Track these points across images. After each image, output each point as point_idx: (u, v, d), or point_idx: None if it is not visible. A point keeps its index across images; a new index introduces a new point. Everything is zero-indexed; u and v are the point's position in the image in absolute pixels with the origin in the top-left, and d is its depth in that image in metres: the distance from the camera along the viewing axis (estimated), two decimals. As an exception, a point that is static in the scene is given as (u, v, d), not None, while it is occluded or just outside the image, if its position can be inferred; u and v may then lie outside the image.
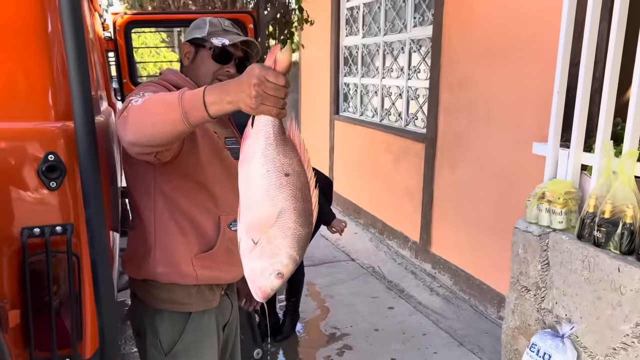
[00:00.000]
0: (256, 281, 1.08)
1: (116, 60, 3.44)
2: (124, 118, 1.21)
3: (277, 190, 1.04)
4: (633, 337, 1.99)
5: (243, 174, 1.08)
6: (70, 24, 1.19)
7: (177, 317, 1.55)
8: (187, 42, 1.60)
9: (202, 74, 1.56)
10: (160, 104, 1.15)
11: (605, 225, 2.11)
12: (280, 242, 1.05)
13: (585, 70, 2.33)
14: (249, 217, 1.07)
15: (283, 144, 1.06)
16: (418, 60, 4.41)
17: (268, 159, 1.04)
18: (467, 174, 3.69)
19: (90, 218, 1.22)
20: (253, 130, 1.07)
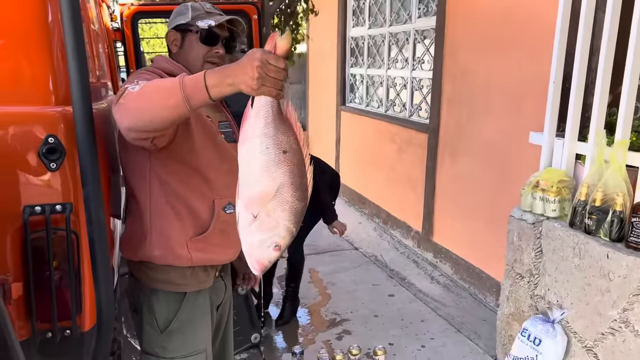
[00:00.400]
0: (254, 254, 1.13)
1: (124, 51, 3.51)
2: (121, 104, 1.25)
3: (275, 166, 1.10)
4: (620, 322, 2.03)
5: (243, 151, 1.13)
6: (68, 14, 1.26)
7: (173, 296, 1.60)
8: (172, 29, 1.61)
9: (192, 58, 1.58)
10: (160, 89, 1.20)
11: (596, 213, 2.14)
12: (278, 215, 1.10)
13: (580, 61, 2.36)
14: (249, 192, 1.12)
15: (281, 123, 1.13)
16: (422, 51, 4.43)
17: (268, 137, 1.10)
18: (467, 164, 3.72)
19: (87, 197, 1.29)
20: (253, 110, 1.12)
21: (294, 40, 4.68)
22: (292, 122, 1.16)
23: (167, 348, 1.60)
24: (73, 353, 1.41)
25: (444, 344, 2.98)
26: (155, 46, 12.34)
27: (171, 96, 1.16)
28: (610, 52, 2.21)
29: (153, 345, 1.61)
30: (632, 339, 1.98)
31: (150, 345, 1.62)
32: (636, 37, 2.07)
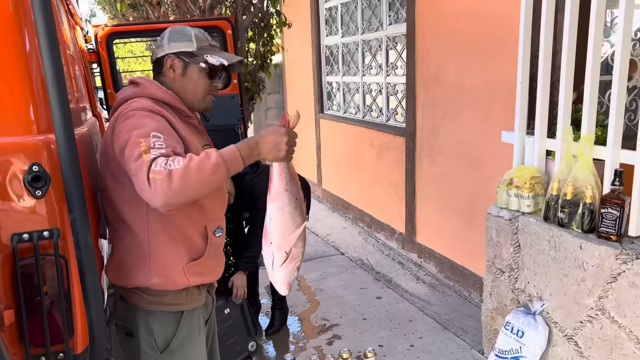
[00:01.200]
0: (287, 280, 1.52)
1: (100, 72, 3.53)
2: (158, 183, 1.29)
3: (295, 211, 1.49)
4: (597, 310, 2.11)
5: (274, 206, 1.48)
6: (46, 42, 1.29)
7: (170, 316, 1.61)
8: (173, 54, 1.59)
9: (193, 89, 1.61)
10: (203, 168, 1.32)
11: (568, 206, 2.24)
12: (299, 245, 1.49)
13: (544, 61, 2.45)
14: (281, 235, 1.48)
15: (292, 177, 1.50)
16: (395, 57, 4.52)
17: (289, 192, 1.48)
18: (445, 165, 3.81)
19: (74, 221, 1.33)
20: (276, 174, 1.48)
21: (269, 52, 4.74)
22: (293, 171, 1.51)
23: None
24: (67, 375, 1.43)
25: (433, 342, 3.04)
26: (131, 63, 12.30)
27: (216, 172, 1.34)
28: (571, 51, 2.32)
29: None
30: (608, 325, 2.07)
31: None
32: (594, 36, 2.17)
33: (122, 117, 1.48)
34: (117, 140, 1.45)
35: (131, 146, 1.38)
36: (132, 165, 1.36)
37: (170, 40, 1.60)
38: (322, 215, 5.76)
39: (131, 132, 1.41)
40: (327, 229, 5.27)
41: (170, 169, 1.30)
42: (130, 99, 1.55)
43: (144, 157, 1.33)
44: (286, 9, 5.32)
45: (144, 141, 1.37)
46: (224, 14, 4.45)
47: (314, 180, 6.48)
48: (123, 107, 1.53)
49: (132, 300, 1.62)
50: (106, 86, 3.50)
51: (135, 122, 1.43)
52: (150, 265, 1.56)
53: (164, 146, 1.37)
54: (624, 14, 2.05)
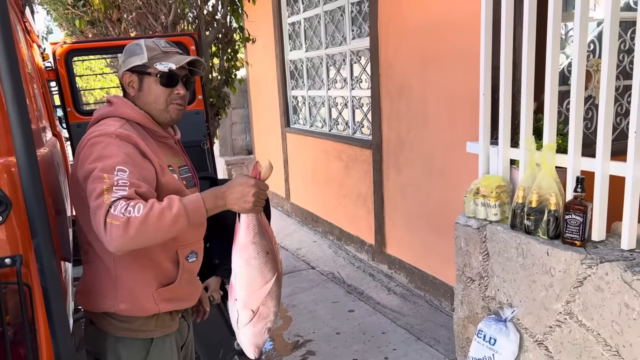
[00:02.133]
0: (254, 342, 1.44)
1: (59, 90, 3.44)
2: (115, 228, 1.26)
3: (264, 265, 1.42)
4: (565, 314, 2.16)
5: (239, 260, 1.42)
6: (5, 62, 1.24)
7: (140, 343, 1.56)
8: (127, 71, 1.55)
9: (153, 101, 1.55)
10: (164, 217, 1.29)
11: (534, 213, 2.29)
12: (269, 304, 1.41)
13: (505, 73, 2.52)
14: (247, 292, 1.41)
15: (262, 230, 1.44)
16: (359, 71, 4.58)
17: (257, 244, 1.42)
18: (412, 176, 3.86)
19: (38, 247, 1.27)
20: (243, 226, 1.43)
21: (234, 68, 4.72)
22: (266, 225, 1.45)
23: None
24: (33, 409, 1.36)
25: (406, 354, 3.05)
26: (90, 80, 12.04)
27: (176, 223, 1.31)
28: (530, 63, 2.39)
29: None
30: (577, 329, 2.12)
31: None
32: (552, 48, 2.25)
33: (89, 143, 1.43)
34: (82, 167, 1.41)
35: (94, 180, 1.34)
36: (92, 203, 1.32)
37: (124, 58, 1.58)
38: (292, 230, 5.74)
39: (96, 164, 1.36)
40: (296, 243, 5.24)
41: (128, 217, 1.26)
42: (102, 119, 1.52)
43: (104, 197, 1.29)
44: (249, 24, 5.33)
45: (108, 177, 1.33)
46: (187, 29, 4.42)
47: (282, 194, 6.45)
48: (92, 130, 1.48)
49: (101, 326, 1.57)
50: (66, 105, 3.41)
51: (101, 151, 1.39)
52: (118, 291, 1.52)
53: (128, 185, 1.33)
54: (579, 26, 2.14)
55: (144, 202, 1.30)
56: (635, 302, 1.87)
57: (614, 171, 2.10)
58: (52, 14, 6.83)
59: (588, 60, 2.70)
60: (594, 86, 2.88)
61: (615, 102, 2.89)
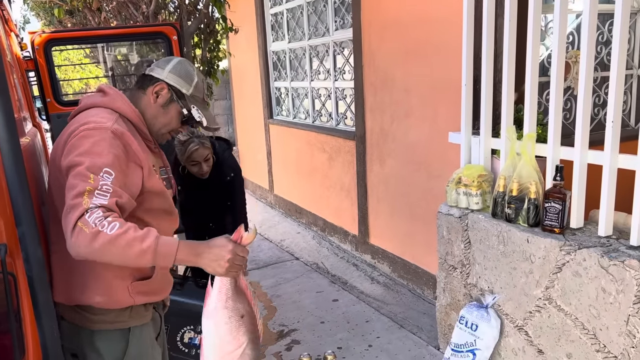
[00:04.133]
0: None
1: (38, 80, 3.38)
2: (86, 236, 1.23)
3: (237, 330, 1.38)
4: (544, 299, 2.22)
5: (209, 324, 1.38)
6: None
7: (118, 334, 1.54)
8: (166, 83, 1.54)
9: (163, 122, 1.57)
10: (133, 246, 1.26)
11: (514, 202, 2.34)
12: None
13: (486, 64, 2.56)
14: (220, 354, 1.38)
15: (237, 294, 1.39)
16: (342, 62, 4.58)
17: (229, 309, 1.38)
18: (395, 167, 3.89)
19: (23, 236, 1.26)
20: (215, 289, 1.39)
21: (216, 58, 4.69)
22: (245, 288, 1.42)
23: None
24: (19, 398, 1.36)
25: (390, 341, 3.09)
26: (68, 71, 11.82)
27: (141, 257, 1.27)
28: (511, 54, 2.43)
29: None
30: (555, 313, 2.18)
31: None
32: (532, 39, 2.29)
33: (81, 134, 1.38)
34: (68, 155, 1.37)
35: (78, 176, 1.30)
36: (69, 200, 1.28)
37: (172, 70, 1.57)
38: (276, 221, 5.74)
39: (83, 158, 1.33)
40: (280, 235, 5.25)
41: (99, 230, 1.24)
42: (93, 107, 1.49)
43: (84, 199, 1.26)
44: (232, 15, 5.29)
45: (93, 178, 1.30)
46: (168, 19, 4.37)
47: (265, 186, 6.45)
48: (84, 118, 1.44)
49: (74, 321, 1.53)
50: (45, 95, 3.36)
51: (92, 146, 1.35)
52: (93, 283, 1.49)
53: (110, 192, 1.31)
54: (559, 18, 2.18)
55: (121, 221, 1.28)
56: (611, 286, 1.93)
57: (592, 160, 2.16)
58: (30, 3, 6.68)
59: (567, 51, 2.75)
60: (572, 77, 2.94)
61: (593, 93, 2.96)
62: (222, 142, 3.02)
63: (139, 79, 1.59)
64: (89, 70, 11.95)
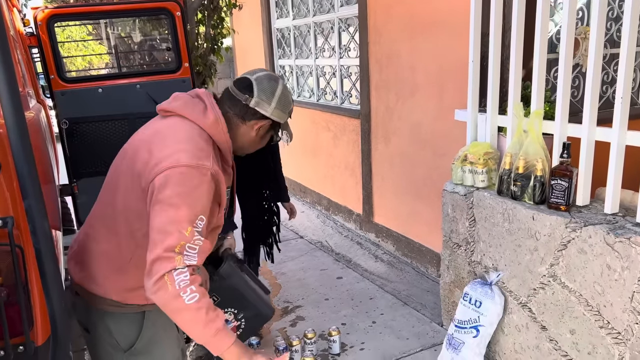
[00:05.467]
0: None
1: (41, 57, 3.36)
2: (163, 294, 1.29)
3: None
4: (549, 276, 2.22)
5: None
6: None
7: (131, 317, 1.54)
8: (272, 121, 1.53)
9: (255, 147, 1.59)
10: (197, 325, 1.31)
11: (520, 179, 2.33)
12: None
13: (494, 40, 2.52)
14: None
15: None
16: (348, 39, 4.53)
17: None
18: (400, 145, 3.88)
19: (29, 208, 1.26)
20: None
21: (220, 35, 4.64)
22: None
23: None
24: (29, 369, 1.38)
25: (393, 318, 3.12)
26: (71, 49, 11.75)
27: (198, 336, 1.32)
28: (520, 30, 2.39)
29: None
30: (560, 290, 2.18)
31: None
32: (542, 14, 2.25)
33: (181, 170, 1.33)
34: (163, 186, 1.32)
35: (174, 223, 1.30)
36: (160, 247, 1.29)
37: (277, 105, 1.51)
38: (279, 200, 5.75)
39: (183, 200, 1.31)
40: (285, 214, 5.26)
41: (180, 294, 1.28)
42: (185, 117, 1.45)
43: (176, 255, 1.29)
44: (235, -9, 5.22)
45: (189, 231, 1.30)
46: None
47: (269, 165, 6.44)
48: (182, 133, 1.41)
49: (89, 300, 1.54)
50: (49, 72, 3.34)
51: (194, 188, 1.33)
52: (115, 284, 1.50)
53: (198, 249, 1.32)
54: (569, -8, 2.13)
55: (201, 292, 1.30)
56: (616, 263, 1.93)
57: (599, 137, 2.14)
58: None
59: (576, 27, 2.70)
60: (581, 54, 2.90)
61: (602, 70, 2.91)
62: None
63: (240, 107, 1.50)
64: (92, 48, 11.88)
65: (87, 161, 3.32)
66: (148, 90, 3.41)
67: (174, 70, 3.54)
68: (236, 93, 1.50)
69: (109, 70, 7.62)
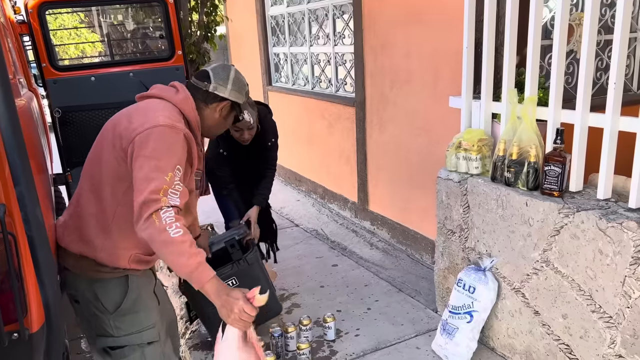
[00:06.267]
0: None
1: (32, 44, 3.33)
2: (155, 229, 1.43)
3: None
4: (542, 262, 2.24)
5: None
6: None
7: (116, 282, 1.69)
8: (230, 102, 1.76)
9: (221, 128, 1.83)
10: (181, 258, 1.44)
11: (514, 165, 2.33)
12: None
13: (488, 26, 2.51)
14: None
15: (244, 345, 1.51)
16: (342, 26, 4.51)
17: (235, 357, 1.50)
18: (395, 133, 3.87)
19: (21, 195, 1.26)
20: (224, 336, 1.52)
21: (214, 23, 4.61)
22: (254, 342, 1.53)
23: (121, 327, 1.70)
24: (24, 356, 1.38)
25: (388, 304, 3.14)
26: (64, 38, 11.64)
27: (180, 268, 1.45)
28: (514, 16, 2.38)
29: (106, 327, 1.70)
30: (552, 275, 2.20)
31: (102, 328, 1.70)
32: (535, 1, 2.24)
33: (159, 127, 1.53)
34: (145, 143, 1.51)
35: (156, 170, 1.47)
36: (148, 191, 1.44)
37: (233, 87, 1.76)
38: (275, 189, 5.70)
39: (162, 154, 1.50)
40: (280, 202, 5.27)
41: (166, 229, 1.42)
42: (162, 99, 1.68)
43: (161, 197, 1.45)
44: (229, -22, 5.17)
45: (170, 176, 1.48)
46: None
47: (264, 154, 6.42)
48: (158, 105, 1.63)
49: (76, 270, 1.68)
50: (41, 60, 3.31)
51: (169, 145, 1.54)
52: (103, 242, 1.65)
53: (180, 191, 1.50)
54: (563, -23, 2.12)
55: (184, 229, 1.45)
56: (608, 248, 1.94)
57: (593, 122, 2.14)
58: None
59: (570, 14, 2.69)
60: (575, 40, 2.89)
61: (596, 57, 2.92)
62: (263, 108, 3.12)
63: (202, 93, 1.73)
64: (84, 37, 11.77)
65: (81, 150, 3.29)
66: (141, 78, 3.38)
67: (167, 58, 3.52)
68: (197, 83, 1.75)
69: (101, 59, 7.57)
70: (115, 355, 1.71)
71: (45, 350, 1.41)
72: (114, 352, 1.71)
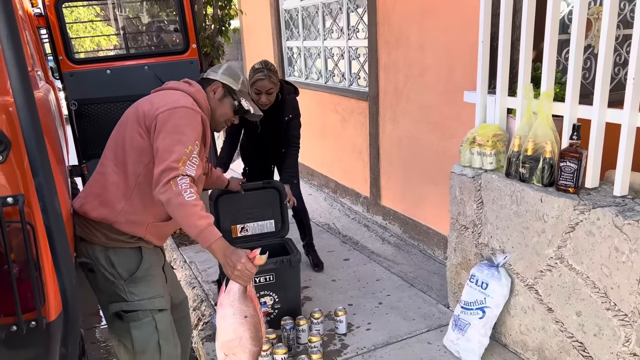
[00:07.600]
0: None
1: (49, 37, 3.36)
2: (172, 193, 1.62)
3: (239, 325, 1.66)
4: (556, 259, 2.22)
5: (219, 314, 1.68)
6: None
7: (129, 251, 1.87)
8: (220, 83, 1.97)
9: (220, 112, 2.00)
10: (191, 219, 1.62)
11: (529, 161, 2.31)
12: (240, 356, 1.67)
13: (505, 20, 2.49)
14: (222, 340, 1.68)
15: (244, 298, 1.67)
16: (356, 20, 4.49)
17: (234, 307, 1.66)
18: (408, 128, 3.86)
19: (40, 186, 1.28)
20: (227, 289, 1.68)
21: (228, 16, 4.61)
22: (253, 297, 1.69)
23: (134, 293, 1.86)
24: (41, 344, 1.41)
25: (400, 299, 3.14)
26: (79, 31, 11.74)
27: (191, 228, 1.62)
28: (531, 10, 2.35)
29: (120, 293, 1.85)
30: (567, 272, 2.18)
31: (116, 294, 1.85)
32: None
33: (181, 110, 1.76)
34: (167, 121, 1.72)
35: (178, 142, 1.68)
36: (170, 159, 1.65)
37: (224, 72, 2.01)
38: (287, 183, 5.75)
39: (184, 128, 1.72)
40: (292, 196, 5.27)
41: (182, 194, 1.61)
42: (181, 91, 1.89)
43: (180, 166, 1.64)
44: (243, -29, 5.16)
45: (189, 149, 1.69)
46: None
47: (277, 147, 6.44)
48: (176, 95, 1.85)
49: (92, 240, 1.83)
50: (57, 52, 3.35)
51: (190, 122, 1.76)
52: (124, 207, 1.81)
53: (197, 164, 1.70)
54: (582, -29, 2.09)
55: (197, 195, 1.65)
56: (624, 245, 1.92)
57: (610, 118, 2.11)
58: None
59: (589, 8, 2.65)
60: (593, 35, 2.85)
61: (615, 52, 2.87)
62: (289, 86, 3.39)
63: (201, 81, 1.99)
64: (100, 30, 11.85)
65: (97, 142, 3.34)
66: (156, 71, 3.41)
67: (181, 51, 3.54)
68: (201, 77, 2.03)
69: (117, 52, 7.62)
70: (128, 317, 1.86)
71: (62, 338, 1.43)
72: (127, 315, 1.86)
